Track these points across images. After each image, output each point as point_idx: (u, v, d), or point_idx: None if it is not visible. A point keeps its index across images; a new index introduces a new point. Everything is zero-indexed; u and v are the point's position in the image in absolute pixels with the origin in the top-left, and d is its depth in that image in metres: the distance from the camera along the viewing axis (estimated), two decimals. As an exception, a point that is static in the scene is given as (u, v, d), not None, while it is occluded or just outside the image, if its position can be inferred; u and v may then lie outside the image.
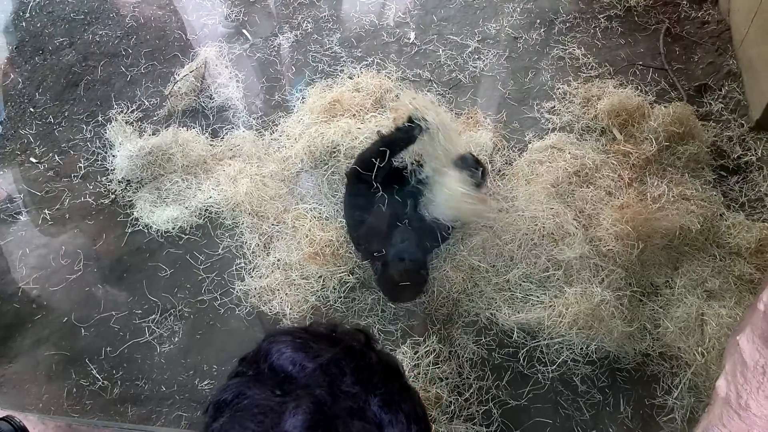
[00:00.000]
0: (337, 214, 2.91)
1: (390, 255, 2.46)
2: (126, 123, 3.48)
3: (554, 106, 3.20)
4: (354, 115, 3.13)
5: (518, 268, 2.69)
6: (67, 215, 3.26)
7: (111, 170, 3.33)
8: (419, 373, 2.49)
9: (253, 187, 3.07)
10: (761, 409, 1.21)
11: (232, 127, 3.42)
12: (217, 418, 0.82)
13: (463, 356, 2.57)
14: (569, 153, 2.97)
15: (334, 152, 2.98)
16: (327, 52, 3.64)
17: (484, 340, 2.60)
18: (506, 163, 3.04)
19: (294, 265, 2.83)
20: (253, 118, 3.45)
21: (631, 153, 2.92)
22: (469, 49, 3.50)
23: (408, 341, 2.62)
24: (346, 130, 3.00)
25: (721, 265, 2.64)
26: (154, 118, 3.53)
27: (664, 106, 3.03)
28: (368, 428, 0.79)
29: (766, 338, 1.25)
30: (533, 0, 3.62)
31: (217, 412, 0.83)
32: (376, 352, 0.91)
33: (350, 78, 3.43)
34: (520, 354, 2.55)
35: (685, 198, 2.80)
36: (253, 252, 2.95)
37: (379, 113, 3.13)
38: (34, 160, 3.51)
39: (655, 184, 2.85)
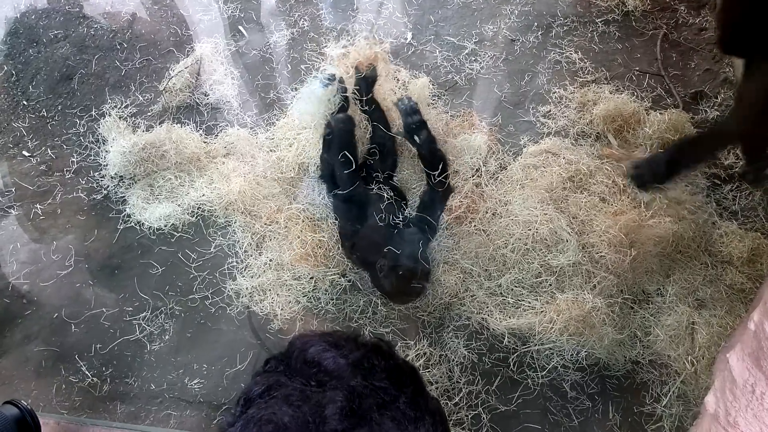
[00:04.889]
0: (328, 215, 2.90)
1: (388, 265, 2.47)
2: (120, 118, 3.45)
3: (550, 110, 3.19)
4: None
5: (511, 273, 2.69)
6: (59, 210, 3.24)
7: (104, 166, 3.31)
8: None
9: (246, 185, 3.05)
10: (750, 427, 1.21)
11: (227, 125, 3.40)
12: (248, 410, 0.83)
13: (453, 360, 2.57)
14: (564, 158, 2.97)
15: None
16: (323, 51, 3.62)
17: (474, 344, 2.60)
18: (501, 167, 3.03)
19: (286, 265, 2.82)
20: (248, 116, 3.43)
21: (624, 159, 2.93)
22: (466, 51, 3.49)
23: (399, 344, 2.62)
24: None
25: (712, 273, 2.64)
26: (148, 114, 3.50)
27: (660, 113, 3.02)
28: (401, 423, 0.82)
29: (756, 357, 1.25)
30: (531, 3, 3.61)
31: (247, 404, 0.84)
32: (399, 357, 0.95)
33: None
34: (510, 359, 2.55)
35: (678, 203, 2.80)
36: (245, 251, 2.94)
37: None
38: (26, 154, 3.48)
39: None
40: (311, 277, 2.78)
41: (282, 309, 2.72)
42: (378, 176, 2.80)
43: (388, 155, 2.93)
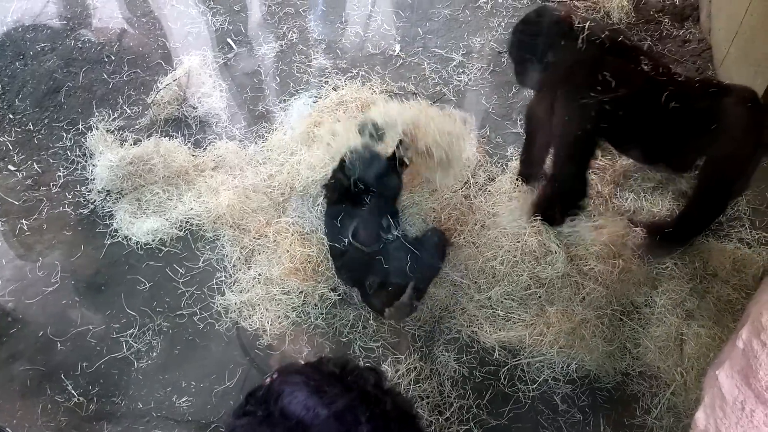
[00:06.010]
0: (318, 228, 2.89)
1: (372, 283, 2.45)
2: (107, 132, 3.43)
3: (537, 122, 3.20)
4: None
5: (500, 285, 2.69)
6: (45, 226, 3.21)
7: (91, 180, 3.28)
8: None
9: (235, 199, 3.04)
10: (738, 445, 1.22)
11: (215, 138, 3.39)
12: None
13: (444, 374, 2.56)
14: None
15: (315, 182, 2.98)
16: (312, 63, 3.63)
17: (465, 358, 2.60)
18: (489, 179, 3.04)
19: (275, 279, 2.80)
20: (237, 129, 3.42)
21: (608, 168, 2.95)
22: (454, 63, 3.50)
23: (389, 359, 2.60)
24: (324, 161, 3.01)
25: (698, 285, 2.65)
26: (136, 127, 3.48)
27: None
28: None
29: (745, 375, 1.26)
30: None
31: None
32: (390, 394, 0.90)
33: (335, 90, 3.42)
34: (501, 372, 2.54)
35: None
36: (234, 266, 2.92)
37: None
38: (12, 168, 3.45)
39: (632, 199, 2.88)
40: (301, 292, 2.76)
41: (271, 324, 2.70)
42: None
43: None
